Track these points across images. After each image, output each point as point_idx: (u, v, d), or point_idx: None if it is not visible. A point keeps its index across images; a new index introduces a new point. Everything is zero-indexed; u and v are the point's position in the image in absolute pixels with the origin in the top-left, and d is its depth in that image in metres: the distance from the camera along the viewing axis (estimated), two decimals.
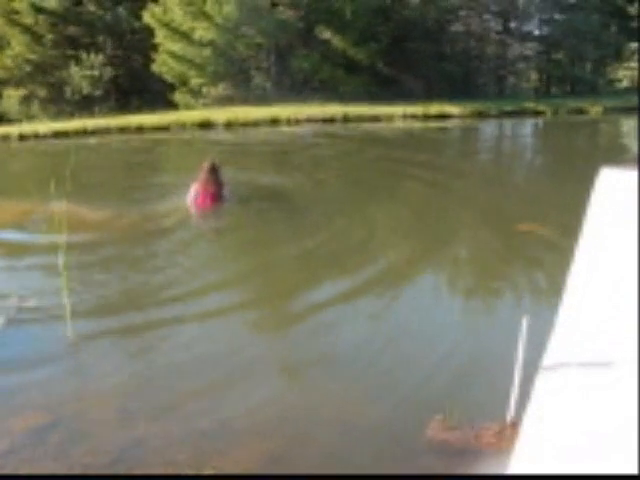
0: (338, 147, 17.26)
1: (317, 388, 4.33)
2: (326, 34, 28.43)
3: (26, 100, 31.03)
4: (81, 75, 30.19)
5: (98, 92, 30.23)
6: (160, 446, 3.73)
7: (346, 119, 22.33)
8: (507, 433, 3.56)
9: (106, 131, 21.59)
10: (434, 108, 23.66)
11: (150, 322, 5.62)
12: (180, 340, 5.18)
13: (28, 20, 30.86)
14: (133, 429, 3.91)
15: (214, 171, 10.00)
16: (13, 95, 30.98)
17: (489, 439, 3.58)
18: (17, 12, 30.78)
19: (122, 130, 21.58)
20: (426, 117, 22.90)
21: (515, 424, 3.51)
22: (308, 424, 3.91)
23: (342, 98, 25.60)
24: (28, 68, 31.14)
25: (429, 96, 26.92)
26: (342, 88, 27.61)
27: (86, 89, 30.25)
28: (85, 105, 29.51)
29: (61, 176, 6.26)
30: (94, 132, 21.63)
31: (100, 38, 31.77)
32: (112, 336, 5.34)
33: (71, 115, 27.97)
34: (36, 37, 31.10)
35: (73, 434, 3.87)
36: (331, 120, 22.18)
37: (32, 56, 31.13)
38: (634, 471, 2.13)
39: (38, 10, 30.73)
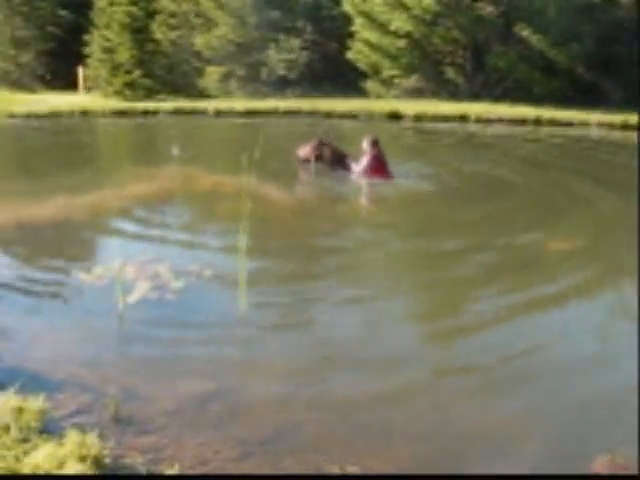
0: (540, 149, 16.77)
1: (482, 403, 4.20)
2: (525, 33, 27.49)
3: (225, 78, 32.50)
4: (278, 58, 31.17)
5: (292, 75, 31.08)
6: (316, 433, 3.74)
7: (538, 122, 21.55)
8: None
9: (296, 113, 22.16)
10: (635, 118, 22.24)
11: (325, 302, 5.67)
12: (358, 329, 5.16)
13: (235, 4, 32.25)
14: (293, 410, 3.96)
15: (379, 144, 10.47)
16: (214, 72, 32.56)
17: None
18: None
19: (312, 114, 22.05)
20: (624, 127, 21.58)
21: None
22: (467, 438, 3.79)
23: (535, 100, 24.72)
24: (231, 48, 32.58)
25: (629, 104, 25.33)
26: (537, 90, 26.62)
27: (281, 71, 31.21)
28: (279, 86, 30.45)
29: (251, 153, 6.46)
30: (285, 113, 22.28)
31: (300, 23, 32.60)
32: (285, 312, 5.45)
33: (265, 95, 29.00)
34: (241, 20, 32.46)
35: (234, 406, 3.98)
36: (522, 121, 21.49)
37: (236, 37, 32.55)
38: None
39: None
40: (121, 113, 23.11)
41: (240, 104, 23.95)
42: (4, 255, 6.66)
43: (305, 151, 11.04)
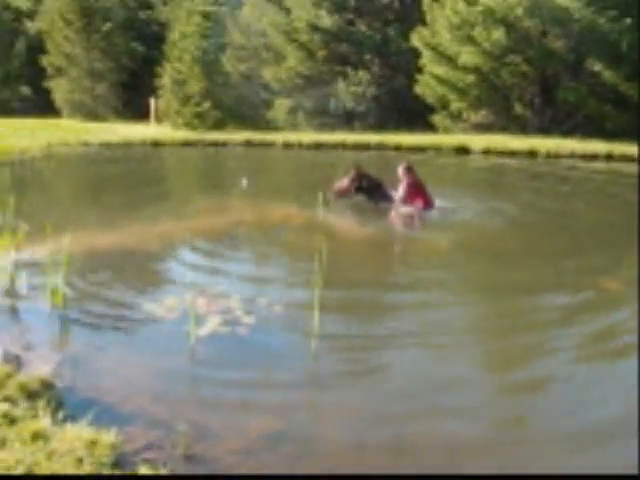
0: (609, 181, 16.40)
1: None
2: (597, 67, 27.02)
3: (293, 110, 32.90)
4: (346, 91, 31.43)
5: (360, 108, 31.26)
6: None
7: (609, 157, 21.03)
8: None
9: (365, 147, 22.15)
10: None
11: (399, 346, 5.57)
12: (432, 374, 5.05)
13: (304, 37, 32.78)
14: (363, 455, 3.87)
15: (413, 170, 10.46)
16: (282, 105, 33.01)
17: None
18: (296, 30, 32.84)
19: (380, 147, 22.02)
20: None
21: None
22: None
23: (606, 135, 24.19)
24: (299, 81, 33.04)
25: None
26: (608, 125, 26.08)
27: (349, 104, 31.44)
28: (346, 119, 30.65)
29: (321, 186, 6.43)
30: (353, 146, 22.30)
31: (368, 57, 32.87)
32: (357, 355, 5.36)
33: (332, 128, 29.19)
34: (310, 53, 32.94)
35: (304, 446, 3.91)
36: (592, 157, 20.99)
37: (304, 70, 33.02)
38: None
39: (315, 29, 32.65)
40: (190, 144, 23.57)
41: (308, 137, 24.13)
42: (78, 284, 6.74)
43: (343, 184, 10.80)
